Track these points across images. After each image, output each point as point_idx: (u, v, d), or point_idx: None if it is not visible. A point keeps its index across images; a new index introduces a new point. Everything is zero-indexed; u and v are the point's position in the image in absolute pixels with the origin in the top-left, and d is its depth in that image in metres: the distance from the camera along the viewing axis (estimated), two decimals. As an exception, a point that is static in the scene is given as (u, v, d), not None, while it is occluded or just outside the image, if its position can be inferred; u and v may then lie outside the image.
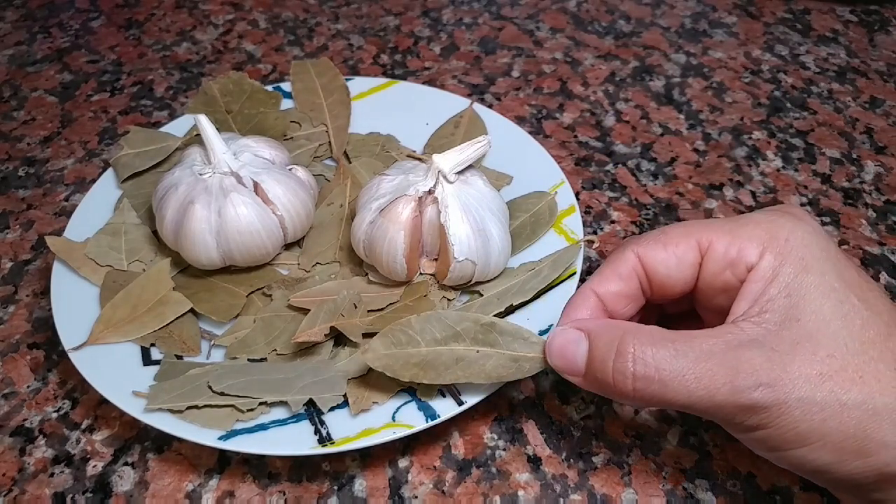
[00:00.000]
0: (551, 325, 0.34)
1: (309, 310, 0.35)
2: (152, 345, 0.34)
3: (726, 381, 0.24)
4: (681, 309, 0.33)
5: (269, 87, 0.47)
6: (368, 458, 0.33)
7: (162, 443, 0.33)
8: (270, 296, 0.37)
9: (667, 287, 0.29)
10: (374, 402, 0.32)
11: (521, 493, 0.31)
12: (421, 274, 0.37)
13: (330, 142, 0.45)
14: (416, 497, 0.31)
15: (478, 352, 0.30)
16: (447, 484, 0.32)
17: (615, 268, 0.30)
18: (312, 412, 0.31)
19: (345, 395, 0.32)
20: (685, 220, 0.31)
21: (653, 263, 0.29)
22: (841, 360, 0.24)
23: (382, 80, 0.49)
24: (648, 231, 0.30)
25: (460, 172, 0.36)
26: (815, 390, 0.24)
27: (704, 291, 0.29)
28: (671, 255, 0.29)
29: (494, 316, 0.35)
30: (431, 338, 0.30)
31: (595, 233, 0.44)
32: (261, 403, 0.31)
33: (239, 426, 0.31)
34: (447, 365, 0.30)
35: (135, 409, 0.31)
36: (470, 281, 0.36)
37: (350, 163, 0.44)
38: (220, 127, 0.40)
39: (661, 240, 0.29)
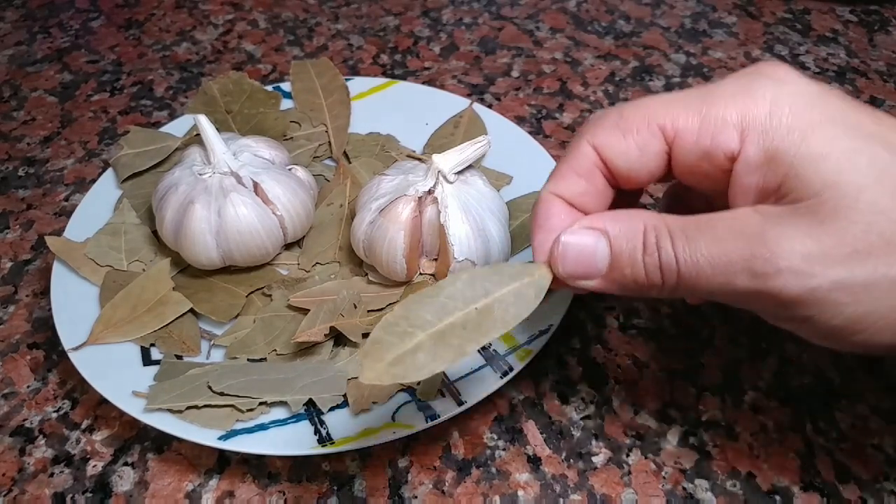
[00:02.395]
0: (551, 325, 0.34)
1: (309, 310, 0.35)
2: (152, 345, 0.34)
3: (743, 266, 0.22)
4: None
5: (269, 87, 0.47)
6: (368, 458, 0.33)
7: (162, 443, 0.33)
8: (270, 296, 0.37)
9: (632, 179, 0.26)
10: (373, 402, 0.32)
11: (520, 493, 0.31)
12: (421, 274, 0.37)
13: (330, 142, 0.45)
14: (416, 497, 0.31)
15: (476, 308, 0.26)
16: (447, 484, 0.32)
17: (572, 164, 0.26)
18: (312, 412, 0.31)
19: (345, 395, 0.32)
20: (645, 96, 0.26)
21: (611, 156, 0.25)
22: (882, 234, 0.21)
23: (382, 80, 0.49)
24: (604, 111, 0.26)
25: (460, 172, 0.36)
26: (855, 271, 0.21)
27: (684, 177, 0.26)
28: (631, 146, 0.25)
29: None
30: (423, 322, 0.25)
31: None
32: (261, 403, 0.31)
33: (239, 426, 0.31)
34: (457, 336, 0.25)
35: (134, 409, 0.31)
36: (470, 281, 0.36)
37: (350, 163, 0.44)
38: (220, 127, 0.40)
39: (620, 126, 0.25)
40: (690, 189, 0.29)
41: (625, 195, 0.29)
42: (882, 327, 0.21)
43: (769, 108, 0.22)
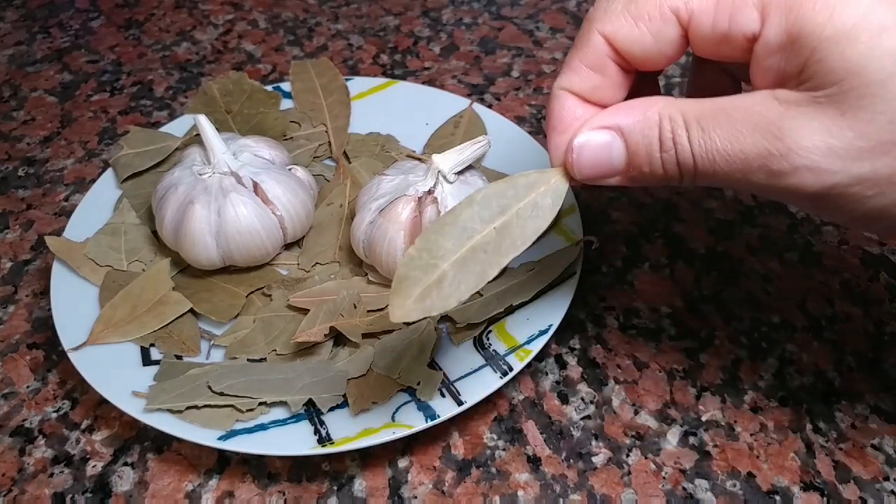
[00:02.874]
0: (551, 325, 0.34)
1: (308, 310, 0.35)
2: (152, 345, 0.34)
3: (759, 163, 0.21)
4: None
5: (269, 87, 0.47)
6: (368, 458, 0.33)
7: (161, 443, 0.33)
8: (270, 296, 0.37)
9: (649, 65, 0.24)
10: (373, 402, 0.32)
11: (520, 493, 0.31)
12: (421, 274, 0.37)
13: (329, 142, 0.45)
14: (416, 497, 0.31)
15: (495, 228, 0.25)
16: (447, 484, 0.32)
17: (583, 56, 0.25)
18: (312, 412, 0.31)
19: (344, 396, 0.32)
20: None
21: (624, 45, 0.24)
22: None
23: (382, 80, 0.49)
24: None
25: (460, 172, 0.36)
26: (878, 164, 0.20)
27: (705, 56, 0.24)
28: (645, 34, 0.23)
29: (494, 315, 0.35)
30: (444, 252, 0.25)
31: (594, 233, 0.44)
32: (260, 403, 0.31)
33: (238, 426, 0.31)
34: (479, 261, 0.25)
35: (134, 409, 0.31)
36: (470, 281, 0.36)
37: (350, 163, 0.44)
38: (220, 127, 0.40)
39: (630, 11, 0.23)
40: None
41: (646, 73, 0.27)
42: None
43: None
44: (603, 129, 0.24)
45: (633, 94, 0.26)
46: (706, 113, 0.22)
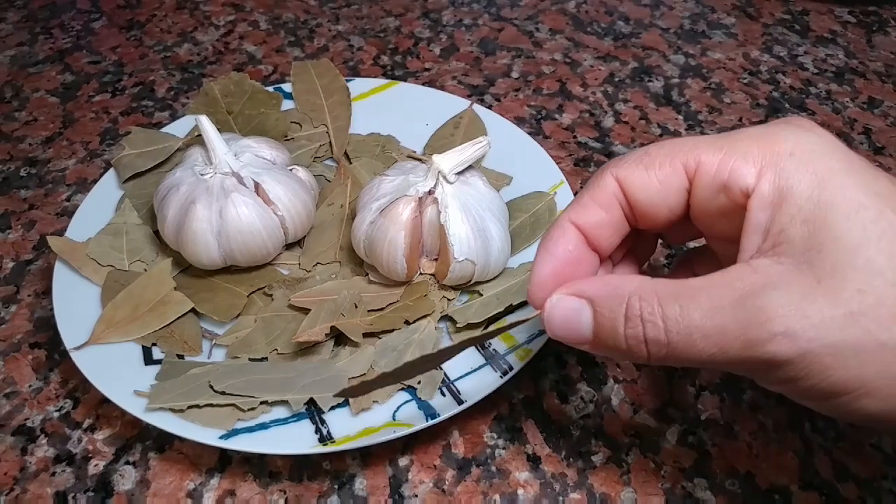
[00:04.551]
0: (551, 325, 0.34)
1: (309, 309, 0.35)
2: (153, 344, 0.34)
3: (738, 335, 0.21)
4: (688, 236, 0.30)
5: (270, 88, 0.47)
6: (369, 456, 0.33)
7: (163, 442, 0.33)
8: (271, 296, 0.37)
9: (650, 216, 0.26)
10: (374, 402, 0.32)
11: (520, 491, 0.31)
12: (421, 274, 0.37)
13: (330, 142, 0.45)
14: (416, 496, 0.31)
15: None
16: (447, 483, 0.32)
17: (593, 194, 0.26)
18: (313, 411, 0.32)
19: (345, 395, 0.32)
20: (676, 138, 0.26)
21: (633, 189, 0.26)
22: (875, 295, 0.20)
23: (382, 81, 0.49)
24: (632, 151, 0.27)
25: (460, 173, 0.36)
26: (845, 333, 0.20)
27: (701, 219, 0.26)
28: (653, 180, 0.25)
29: (494, 315, 0.35)
30: None
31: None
32: (262, 402, 0.31)
33: (240, 425, 0.31)
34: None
35: (136, 408, 0.31)
36: (470, 281, 0.36)
37: (350, 163, 0.44)
38: (221, 127, 0.40)
39: (644, 161, 0.25)
40: (700, 255, 0.30)
41: (642, 241, 0.30)
42: (863, 394, 0.21)
43: (791, 148, 0.23)
44: (575, 296, 0.25)
45: (629, 250, 0.29)
46: (684, 292, 0.23)
